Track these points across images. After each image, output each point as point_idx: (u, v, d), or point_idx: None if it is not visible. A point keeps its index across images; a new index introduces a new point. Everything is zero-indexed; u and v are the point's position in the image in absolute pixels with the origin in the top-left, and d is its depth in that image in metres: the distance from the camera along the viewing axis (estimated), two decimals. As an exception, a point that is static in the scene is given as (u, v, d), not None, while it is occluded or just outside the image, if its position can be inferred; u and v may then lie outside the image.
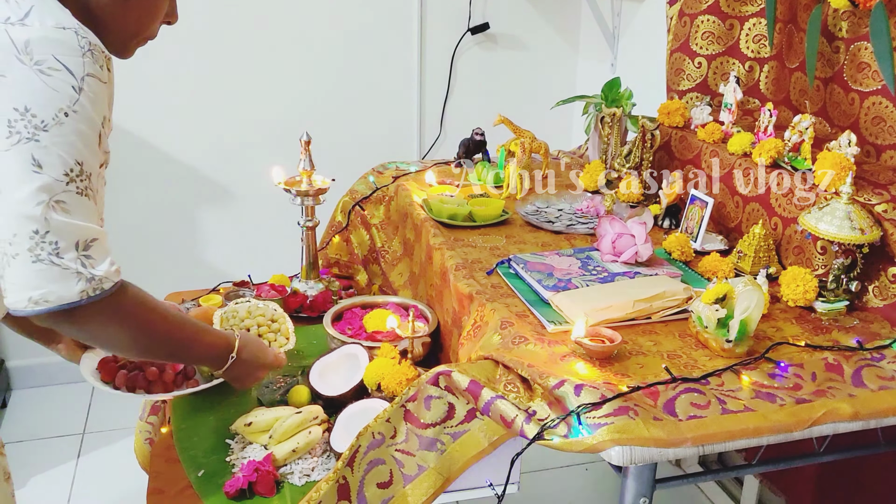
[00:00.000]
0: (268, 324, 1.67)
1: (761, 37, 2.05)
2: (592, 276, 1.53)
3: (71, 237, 1.04)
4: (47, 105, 1.00)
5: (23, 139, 1.00)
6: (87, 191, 1.05)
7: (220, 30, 2.65)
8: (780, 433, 1.13)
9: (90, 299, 1.06)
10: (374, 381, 1.51)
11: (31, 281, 1.03)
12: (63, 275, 1.04)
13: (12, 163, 1.00)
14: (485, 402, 1.19)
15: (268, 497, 1.33)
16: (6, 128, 0.99)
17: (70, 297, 1.05)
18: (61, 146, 1.02)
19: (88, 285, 1.06)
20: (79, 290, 1.05)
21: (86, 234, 1.05)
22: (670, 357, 1.28)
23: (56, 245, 1.02)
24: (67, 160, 1.02)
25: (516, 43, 2.96)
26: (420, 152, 2.97)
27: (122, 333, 1.18)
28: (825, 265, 1.50)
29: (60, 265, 1.03)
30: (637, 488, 1.17)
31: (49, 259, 1.02)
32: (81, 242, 1.05)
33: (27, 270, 1.02)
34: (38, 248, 1.02)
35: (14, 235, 1.01)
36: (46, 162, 1.01)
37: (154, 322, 1.23)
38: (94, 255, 1.06)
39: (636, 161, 2.00)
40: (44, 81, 1.00)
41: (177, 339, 1.29)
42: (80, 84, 1.02)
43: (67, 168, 1.03)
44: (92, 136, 1.05)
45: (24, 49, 0.99)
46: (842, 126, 1.75)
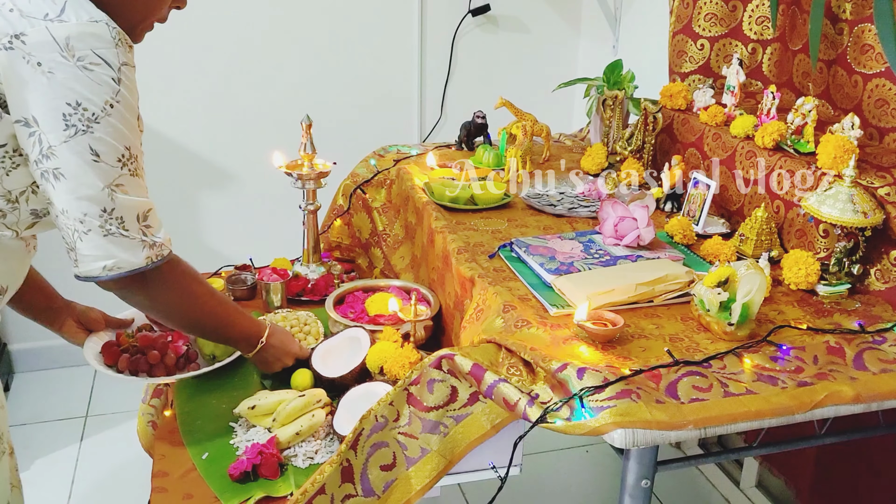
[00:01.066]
0: (300, 326, 1.74)
1: (764, 18, 2.03)
2: (595, 260, 1.53)
3: (132, 212, 1.18)
4: (95, 98, 1.09)
5: (79, 131, 1.10)
6: (136, 170, 1.19)
7: (220, 14, 2.63)
8: (782, 416, 1.14)
9: (154, 265, 1.22)
10: (376, 364, 1.52)
11: (106, 251, 1.17)
12: (131, 244, 1.18)
13: (72, 154, 1.11)
14: (487, 385, 1.20)
15: (272, 479, 1.34)
16: (62, 121, 1.09)
17: (138, 262, 1.19)
18: (112, 135, 1.12)
19: (152, 251, 1.21)
20: (144, 255, 1.20)
21: (142, 206, 1.20)
22: (672, 340, 1.28)
23: (122, 220, 1.17)
24: (118, 147, 1.14)
25: (518, 25, 2.94)
26: (421, 135, 2.96)
27: (179, 300, 1.33)
28: (827, 248, 1.50)
29: (128, 236, 1.18)
30: (639, 470, 1.17)
31: (118, 232, 1.17)
32: (141, 215, 1.19)
33: (100, 241, 1.16)
34: (107, 224, 1.16)
35: (84, 215, 1.14)
36: (102, 151, 1.12)
37: (204, 295, 1.38)
38: (152, 223, 1.22)
39: (638, 144, 1.99)
40: (88, 77, 1.08)
41: (220, 314, 1.43)
42: (118, 74, 1.12)
43: (119, 154, 1.15)
44: (133, 120, 1.17)
45: (65, 46, 1.07)
46: (845, 109, 1.75)
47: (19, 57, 1.06)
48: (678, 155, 1.87)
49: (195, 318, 1.40)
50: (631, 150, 2.00)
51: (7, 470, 1.36)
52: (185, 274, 1.33)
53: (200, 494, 1.32)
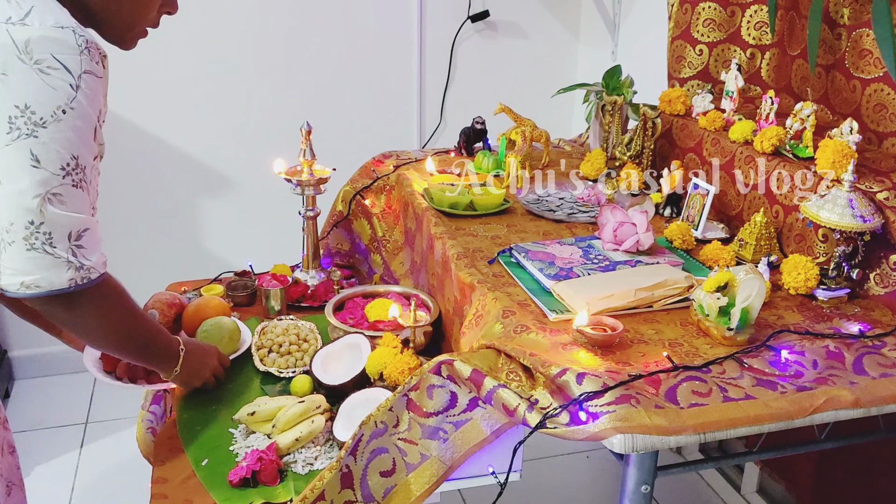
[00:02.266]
0: (298, 343, 1.72)
1: (763, 24, 2.04)
2: (594, 265, 1.53)
3: (64, 228, 1.10)
4: (46, 103, 1.05)
5: (22, 135, 1.05)
6: (81, 183, 1.11)
7: (221, 20, 2.64)
8: (781, 421, 1.14)
9: (78, 287, 1.14)
10: (376, 370, 1.52)
11: (25, 267, 1.10)
12: (55, 263, 1.11)
13: (12, 157, 1.05)
14: (487, 390, 1.20)
15: (271, 486, 1.34)
16: (7, 124, 1.04)
17: (60, 283, 1.12)
18: (59, 142, 1.07)
19: (77, 273, 1.13)
20: (68, 277, 1.12)
21: (78, 224, 1.12)
22: (672, 345, 1.28)
23: (49, 235, 1.09)
24: (64, 155, 1.08)
25: (517, 31, 2.95)
26: (420, 141, 2.96)
27: (103, 322, 1.25)
28: (826, 253, 1.50)
29: (53, 254, 1.10)
30: (638, 476, 1.17)
31: (42, 248, 1.09)
32: (74, 233, 1.12)
33: (22, 257, 1.09)
34: (32, 237, 1.08)
35: (11, 224, 1.08)
36: (44, 157, 1.07)
37: (130, 316, 1.31)
38: (86, 244, 1.13)
39: (637, 149, 1.99)
40: (43, 80, 1.05)
41: (144, 334, 1.36)
42: (78, 82, 1.07)
43: (64, 162, 1.08)
44: (87, 130, 1.11)
45: (24, 49, 1.04)
46: (843, 113, 1.75)
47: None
48: (677, 160, 1.87)
49: (120, 338, 1.32)
50: (630, 155, 2.00)
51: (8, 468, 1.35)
52: (116, 295, 1.25)
53: (200, 501, 1.32)
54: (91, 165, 1.13)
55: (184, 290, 1.99)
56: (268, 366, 1.65)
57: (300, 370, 1.64)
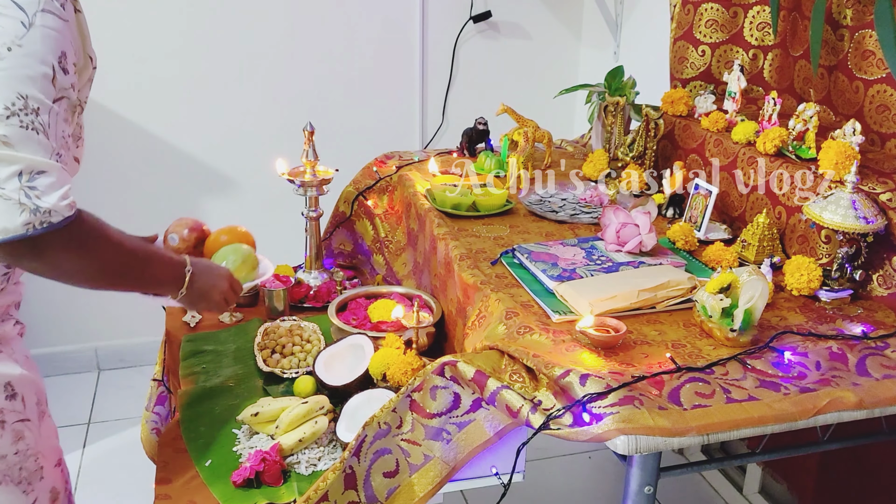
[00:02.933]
0: (301, 344, 1.72)
1: (765, 24, 2.04)
2: (597, 266, 1.54)
3: (11, 168, 1.00)
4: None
5: None
6: (33, 125, 1.02)
7: (223, 20, 2.64)
8: (785, 422, 1.14)
9: (37, 231, 1.02)
10: (379, 371, 1.52)
11: None
12: (7, 206, 1.00)
13: None
14: (490, 391, 1.20)
15: (275, 486, 1.34)
16: None
17: (14, 228, 1.01)
18: (2, 80, 1.00)
19: (34, 217, 1.02)
20: (23, 221, 1.01)
21: (31, 165, 1.02)
22: (675, 346, 1.28)
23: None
24: (8, 94, 1.00)
25: (519, 31, 2.95)
26: (423, 142, 2.96)
27: (83, 265, 1.14)
28: (829, 254, 1.50)
29: (2, 196, 1.00)
30: (642, 477, 1.17)
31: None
32: (25, 173, 1.01)
33: None
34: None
35: None
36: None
37: (115, 252, 1.19)
38: (40, 186, 1.02)
39: (640, 150, 2.00)
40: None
41: (139, 266, 1.25)
42: (32, 19, 1.01)
43: (8, 102, 1.00)
44: (40, 69, 1.03)
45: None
46: (846, 114, 1.75)
47: None
48: (680, 161, 1.87)
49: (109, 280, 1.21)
50: (632, 156, 2.00)
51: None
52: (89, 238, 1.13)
53: (204, 501, 1.32)
54: (48, 108, 1.04)
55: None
56: (271, 366, 1.66)
57: (303, 371, 1.64)
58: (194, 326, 1.87)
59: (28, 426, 1.21)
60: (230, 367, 1.70)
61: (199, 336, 1.82)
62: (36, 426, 1.23)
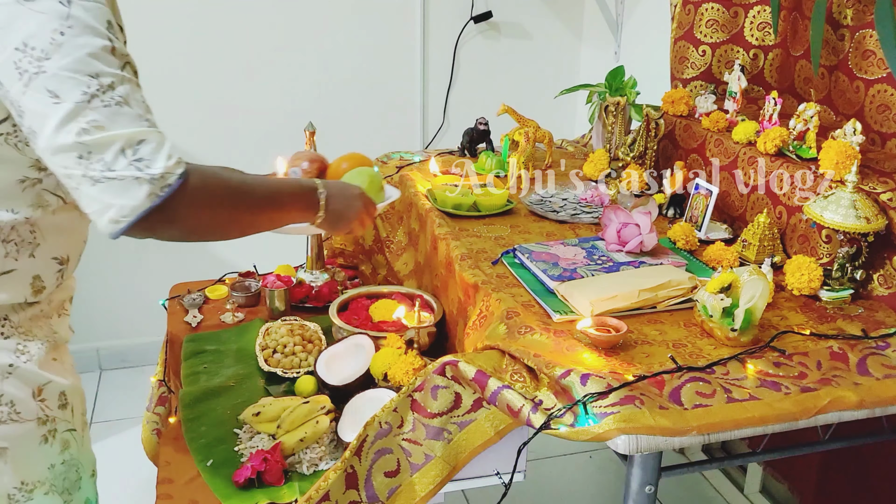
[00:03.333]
0: (303, 344, 1.72)
1: (766, 24, 2.04)
2: (597, 266, 1.54)
3: (112, 148, 0.98)
4: (40, 31, 0.95)
5: (31, 75, 0.95)
6: (114, 100, 0.99)
7: (224, 22, 2.65)
8: (785, 422, 1.14)
9: (162, 199, 1.01)
10: (380, 370, 1.52)
11: (102, 202, 0.99)
12: (124, 185, 0.99)
13: (32, 102, 0.96)
14: (491, 391, 1.20)
15: (276, 486, 1.34)
16: (15, 71, 0.96)
17: (141, 204, 0.99)
18: (69, 67, 0.96)
19: (153, 186, 1.00)
20: (145, 193, 0.99)
21: (129, 139, 1.00)
22: (675, 346, 1.28)
23: (103, 160, 0.98)
24: (80, 79, 0.97)
25: (520, 31, 2.95)
26: (423, 142, 2.97)
27: (218, 213, 1.14)
28: (830, 254, 1.50)
29: (117, 177, 0.98)
30: (642, 476, 1.18)
31: (104, 176, 0.98)
32: (127, 148, 0.99)
33: (94, 193, 0.99)
34: (90, 170, 0.98)
35: (65, 168, 0.98)
36: (60, 89, 0.96)
37: (243, 191, 1.19)
38: (146, 155, 1.00)
39: (640, 150, 2.00)
40: (29, 8, 0.95)
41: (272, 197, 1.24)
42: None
43: (83, 87, 0.97)
44: (98, 43, 0.99)
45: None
46: (847, 114, 1.75)
47: None
48: (680, 161, 1.87)
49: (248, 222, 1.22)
50: (633, 156, 2.00)
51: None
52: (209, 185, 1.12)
53: (205, 501, 1.33)
54: (121, 78, 1.01)
55: (188, 291, 2.00)
56: (272, 366, 1.66)
57: (305, 371, 1.64)
58: (196, 326, 1.88)
59: (74, 436, 1.21)
60: (231, 367, 1.70)
61: (200, 336, 1.83)
62: (80, 436, 1.23)
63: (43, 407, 1.15)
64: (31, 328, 1.15)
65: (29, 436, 1.13)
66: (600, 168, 2.03)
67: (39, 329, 1.17)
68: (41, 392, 1.15)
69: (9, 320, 1.12)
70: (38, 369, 1.14)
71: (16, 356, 1.12)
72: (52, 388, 1.16)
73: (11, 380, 1.11)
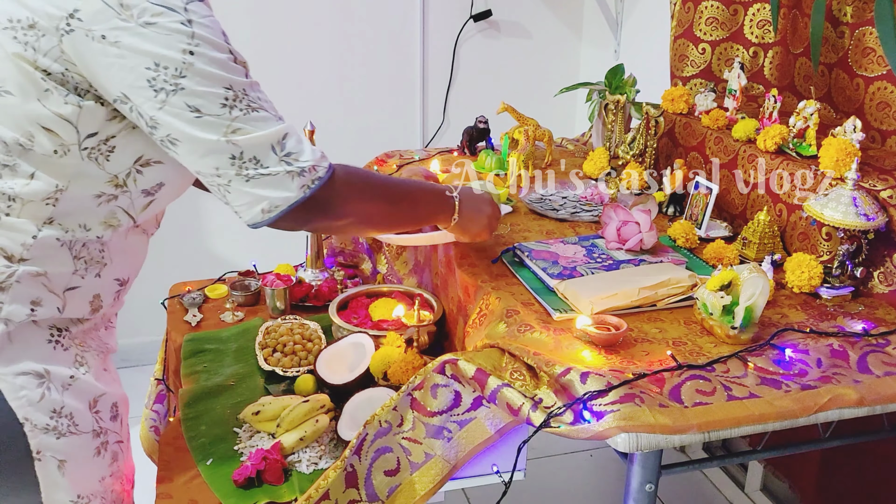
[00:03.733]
0: (302, 342, 1.72)
1: (765, 22, 2.04)
2: (597, 264, 1.53)
3: (264, 147, 1.05)
4: (170, 53, 0.98)
5: (169, 92, 0.99)
6: (250, 106, 1.06)
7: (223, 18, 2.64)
8: (786, 420, 1.14)
9: (313, 190, 1.09)
10: (380, 369, 1.52)
11: (255, 195, 1.06)
12: (277, 180, 1.06)
13: (172, 118, 1.01)
14: (491, 390, 1.20)
15: (276, 485, 1.34)
16: (150, 89, 0.99)
17: (294, 195, 1.07)
18: (204, 83, 1.01)
19: (305, 178, 1.08)
20: (298, 185, 1.07)
21: (274, 136, 1.07)
22: (676, 344, 1.28)
23: (256, 160, 1.05)
24: (216, 91, 1.02)
25: (519, 30, 2.95)
26: (423, 141, 2.96)
27: (363, 207, 1.21)
28: (830, 251, 1.50)
29: (270, 173, 1.05)
30: (643, 474, 1.17)
31: (259, 173, 1.05)
32: (276, 146, 1.06)
33: (246, 188, 1.05)
34: (243, 169, 1.04)
35: (217, 168, 1.04)
36: (200, 104, 1.01)
37: (382, 186, 1.26)
38: (293, 149, 1.08)
39: (640, 148, 1.99)
40: (155, 32, 0.98)
41: (407, 195, 1.31)
42: (186, 16, 1.00)
43: (221, 99, 1.02)
44: (223, 56, 1.04)
45: (120, 8, 0.97)
46: (847, 112, 1.75)
47: (82, 36, 0.97)
48: (680, 159, 1.87)
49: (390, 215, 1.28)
50: (633, 154, 2.00)
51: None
52: (355, 176, 1.20)
53: (205, 500, 1.32)
54: (250, 84, 1.07)
55: (188, 290, 2.00)
56: (272, 365, 1.66)
57: (304, 370, 1.64)
58: (195, 326, 1.88)
59: (121, 447, 1.23)
60: (231, 366, 1.70)
61: (200, 335, 1.82)
62: (127, 447, 1.25)
63: (98, 419, 1.16)
64: (86, 339, 1.18)
65: (84, 448, 1.15)
66: (600, 166, 2.02)
67: (93, 340, 1.20)
68: (96, 404, 1.17)
69: (69, 331, 1.15)
70: (95, 381, 1.17)
71: (76, 367, 1.14)
72: (106, 399, 1.18)
73: (72, 391, 1.13)
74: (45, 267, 1.08)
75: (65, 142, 1.03)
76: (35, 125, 1.02)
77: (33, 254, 1.07)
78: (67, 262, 1.11)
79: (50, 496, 1.11)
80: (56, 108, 1.01)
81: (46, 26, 0.97)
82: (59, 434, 1.10)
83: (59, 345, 1.13)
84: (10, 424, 1.06)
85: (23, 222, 1.06)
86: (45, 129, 1.02)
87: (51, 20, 0.97)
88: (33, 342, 1.10)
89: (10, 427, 1.07)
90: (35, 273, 1.08)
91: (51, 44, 0.98)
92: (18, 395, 1.06)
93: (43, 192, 1.05)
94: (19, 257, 1.07)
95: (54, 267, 1.09)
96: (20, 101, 1.01)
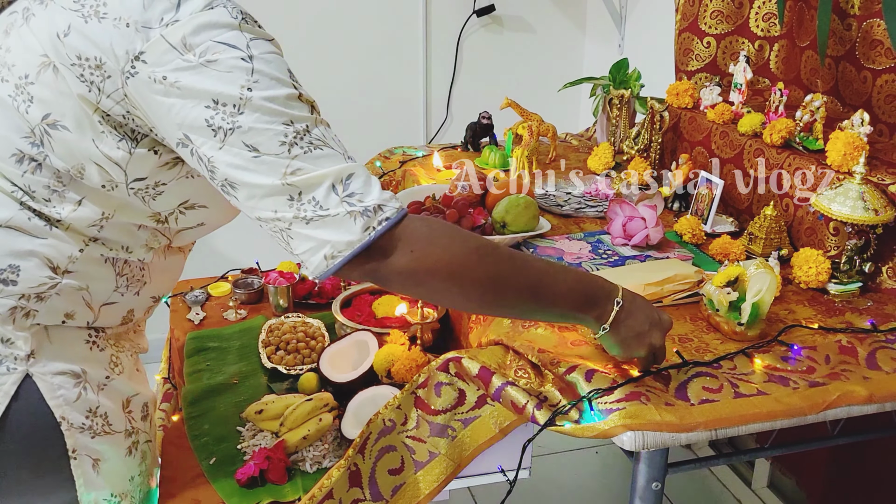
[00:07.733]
0: (306, 340, 1.71)
1: (771, 15, 2.02)
2: (603, 260, 1.52)
3: (321, 187, 0.97)
4: (229, 90, 0.95)
5: (227, 131, 0.96)
6: (311, 144, 0.98)
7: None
8: (794, 417, 1.13)
9: (379, 232, 0.97)
10: (383, 367, 1.51)
11: (316, 239, 0.97)
12: (338, 221, 0.96)
13: (230, 157, 0.96)
14: (495, 388, 1.19)
15: (279, 484, 1.33)
16: (208, 129, 0.96)
17: (356, 238, 0.96)
18: (263, 120, 0.96)
19: (369, 219, 0.97)
20: (361, 227, 0.96)
21: (335, 175, 0.98)
22: (682, 341, 1.27)
23: (315, 201, 0.96)
24: (276, 129, 0.96)
25: (523, 24, 2.93)
26: (426, 137, 2.95)
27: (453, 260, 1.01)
28: (838, 246, 1.48)
29: (330, 214, 0.96)
30: (649, 473, 1.16)
31: (317, 215, 0.96)
32: (337, 184, 0.97)
33: (306, 233, 0.97)
34: (302, 211, 0.96)
35: (276, 212, 0.97)
36: (259, 142, 0.96)
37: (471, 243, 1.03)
38: (357, 189, 0.98)
39: (645, 143, 1.98)
40: (215, 69, 0.95)
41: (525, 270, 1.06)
42: (247, 52, 0.97)
43: (281, 136, 0.96)
44: (285, 92, 0.99)
45: (183, 48, 0.95)
46: (854, 105, 1.73)
47: (145, 79, 0.96)
48: (685, 153, 1.86)
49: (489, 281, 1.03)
50: (638, 149, 1.99)
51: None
52: (435, 226, 1.03)
53: (208, 499, 1.32)
54: (313, 120, 1.01)
55: (191, 288, 1.99)
56: (275, 363, 1.65)
57: (308, 368, 1.64)
58: (198, 324, 1.87)
59: (150, 447, 1.24)
60: (234, 365, 1.69)
61: (203, 333, 1.82)
62: (155, 447, 1.26)
63: (130, 419, 1.18)
64: (120, 340, 1.20)
65: (118, 447, 1.16)
66: (605, 161, 2.01)
67: (126, 341, 1.22)
68: (129, 404, 1.18)
69: (104, 332, 1.16)
70: (128, 381, 1.19)
71: (111, 368, 1.16)
72: (138, 399, 1.20)
73: (107, 391, 1.14)
74: (87, 282, 1.10)
75: (113, 179, 1.05)
76: (88, 160, 1.03)
77: (78, 267, 1.08)
78: (110, 278, 1.13)
79: (85, 494, 1.13)
80: (108, 150, 1.02)
81: (113, 68, 0.97)
82: (94, 433, 1.12)
83: (95, 345, 1.14)
84: (48, 424, 1.08)
85: (70, 235, 1.08)
86: (97, 165, 1.04)
87: (117, 62, 0.96)
88: (71, 342, 1.11)
89: (49, 426, 1.08)
90: (77, 287, 1.09)
91: (115, 86, 0.98)
92: (56, 395, 1.08)
93: (89, 218, 1.07)
94: (64, 269, 1.07)
95: (97, 283, 1.11)
96: (76, 137, 1.02)
